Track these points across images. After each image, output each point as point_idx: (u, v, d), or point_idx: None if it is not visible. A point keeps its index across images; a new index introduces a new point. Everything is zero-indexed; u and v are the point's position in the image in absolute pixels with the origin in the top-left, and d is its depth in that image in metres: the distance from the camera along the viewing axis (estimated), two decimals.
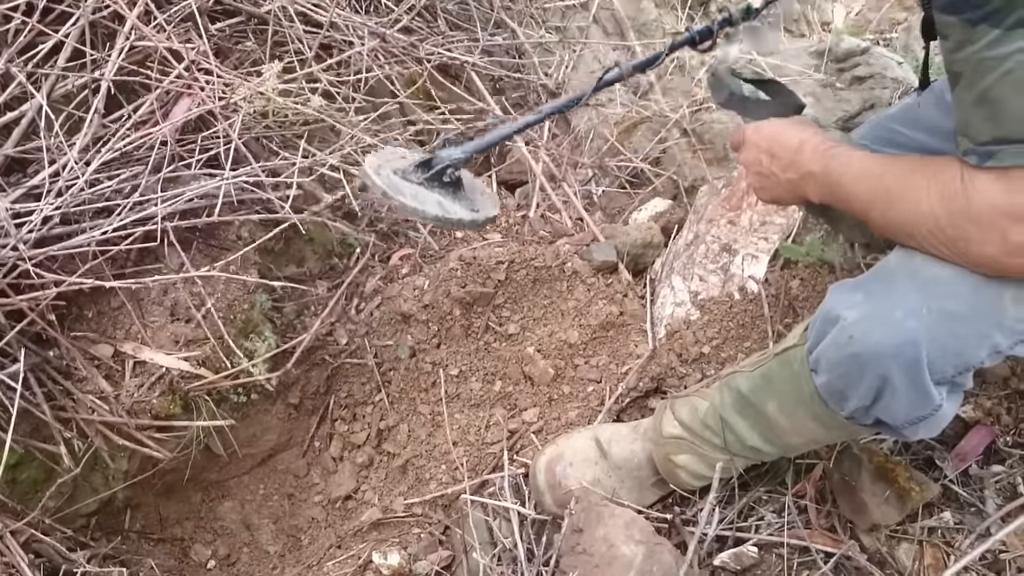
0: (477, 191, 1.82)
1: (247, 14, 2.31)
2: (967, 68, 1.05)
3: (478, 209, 1.75)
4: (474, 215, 1.74)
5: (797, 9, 3.41)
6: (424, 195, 1.71)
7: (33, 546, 1.78)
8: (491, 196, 1.87)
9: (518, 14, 3.13)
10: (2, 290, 1.71)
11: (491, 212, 1.77)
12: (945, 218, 1.13)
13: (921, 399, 1.22)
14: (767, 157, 1.42)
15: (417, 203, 1.67)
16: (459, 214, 1.71)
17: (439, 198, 1.72)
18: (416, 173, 1.73)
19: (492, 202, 1.83)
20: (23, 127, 1.89)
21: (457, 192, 1.76)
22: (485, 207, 1.78)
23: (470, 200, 1.77)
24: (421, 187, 1.71)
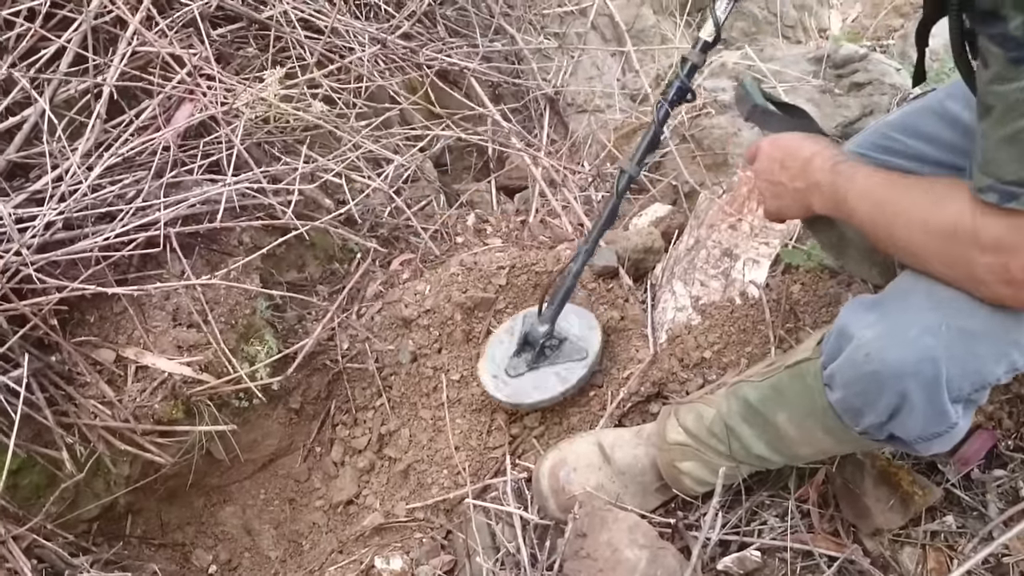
0: (572, 329, 2.03)
1: (249, 20, 2.31)
2: (1002, 103, 1.02)
3: (586, 349, 1.99)
4: (586, 361, 1.98)
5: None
6: (542, 379, 1.96)
7: (35, 551, 1.77)
8: (587, 318, 2.07)
9: (517, 20, 3.14)
10: (5, 295, 1.71)
11: (596, 341, 2.01)
12: (951, 247, 1.13)
13: (938, 416, 1.22)
14: (778, 167, 1.42)
15: (543, 394, 1.94)
16: (577, 373, 1.96)
17: (554, 370, 1.97)
18: (524, 357, 1.99)
19: (590, 326, 2.04)
20: (25, 132, 1.89)
21: (562, 348, 2.00)
22: (590, 343, 2.01)
23: (574, 344, 2.00)
24: (535, 371, 1.98)
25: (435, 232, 2.53)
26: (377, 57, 2.52)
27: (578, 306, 2.09)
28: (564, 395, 1.95)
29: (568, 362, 1.98)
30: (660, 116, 1.82)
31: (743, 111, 1.61)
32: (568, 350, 2.00)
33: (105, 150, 1.91)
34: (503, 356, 2.02)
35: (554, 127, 3.03)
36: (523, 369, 1.98)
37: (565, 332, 2.00)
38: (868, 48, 2.86)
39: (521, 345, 2.00)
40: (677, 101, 1.82)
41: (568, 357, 1.99)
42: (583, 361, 1.97)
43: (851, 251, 1.59)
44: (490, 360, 2.03)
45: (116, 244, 1.82)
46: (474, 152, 2.96)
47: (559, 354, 1.99)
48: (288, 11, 2.32)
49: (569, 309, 2.00)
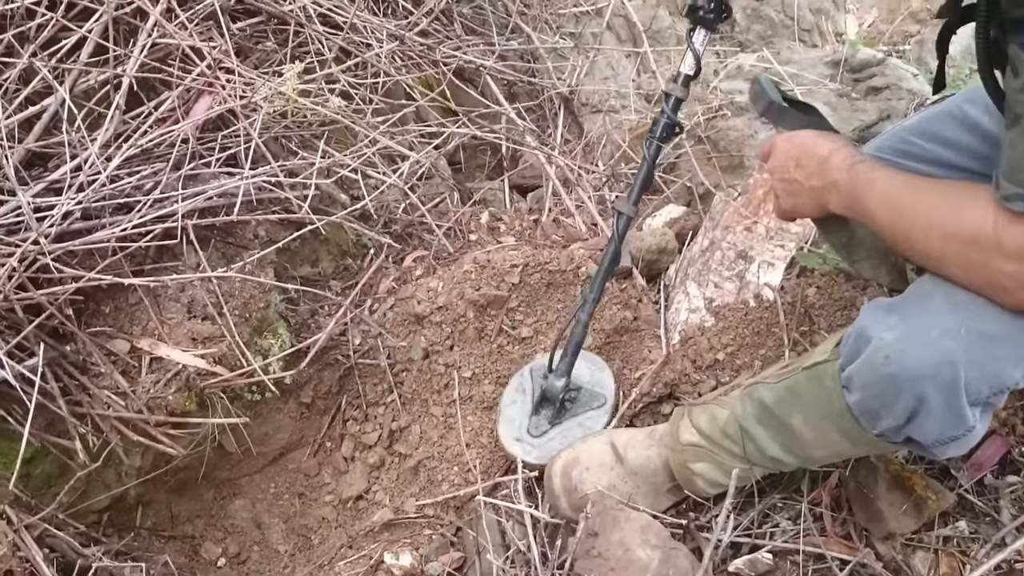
0: (584, 376, 2.01)
1: (268, 14, 2.32)
2: None
3: (603, 395, 1.99)
4: (607, 406, 1.97)
5: None
6: (566, 431, 1.94)
7: (47, 541, 1.77)
8: (594, 361, 2.06)
9: (533, 19, 3.14)
10: (22, 284, 1.71)
11: (611, 383, 2.01)
12: (971, 253, 1.13)
13: (956, 420, 1.22)
14: (794, 164, 1.42)
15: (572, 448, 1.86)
16: (601, 421, 1.95)
17: (577, 421, 1.96)
18: (544, 414, 1.97)
19: (600, 369, 2.04)
20: (45, 121, 1.90)
21: (579, 395, 1.98)
22: (605, 384, 2.01)
23: (590, 391, 1.99)
24: (558, 426, 1.95)
25: (449, 229, 2.53)
26: (394, 53, 2.52)
27: (585, 351, 2.04)
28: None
29: (589, 410, 1.96)
30: (651, 154, 1.83)
31: (758, 108, 1.61)
32: (586, 398, 1.98)
33: (124, 141, 1.92)
34: (521, 416, 1.98)
35: (568, 127, 3.04)
36: (546, 427, 1.95)
37: (578, 380, 1.98)
38: (885, 53, 2.85)
39: (539, 403, 1.97)
40: (666, 137, 1.84)
41: (588, 405, 1.97)
42: (603, 407, 1.96)
43: (862, 252, 1.59)
44: (508, 424, 1.98)
45: (133, 235, 1.82)
46: (488, 150, 2.96)
47: (578, 404, 1.97)
48: (307, 6, 2.33)
49: (584, 364, 1.98)
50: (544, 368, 1.97)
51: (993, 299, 1.15)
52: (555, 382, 1.93)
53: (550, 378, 1.94)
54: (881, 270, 1.59)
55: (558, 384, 1.92)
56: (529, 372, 2.05)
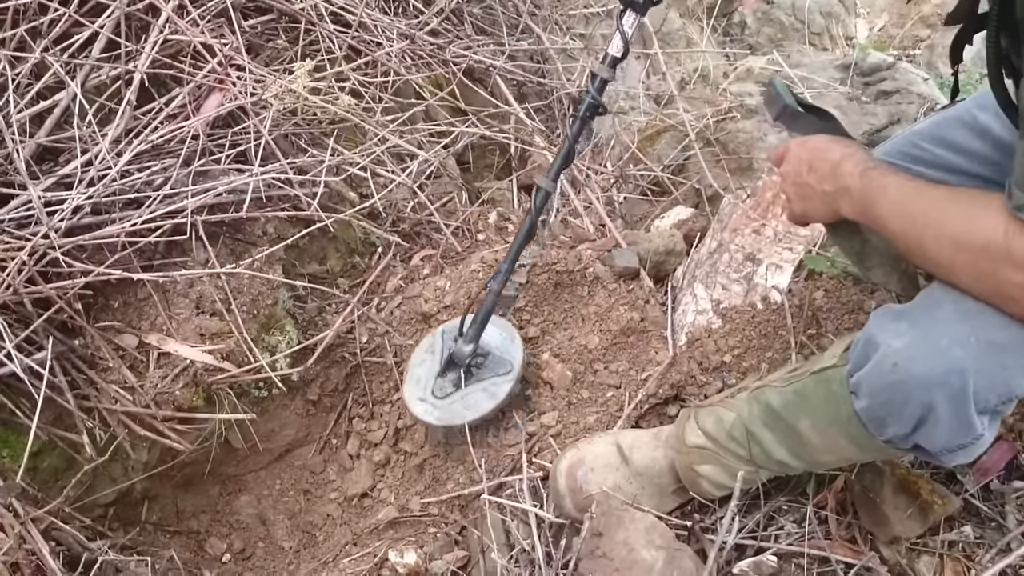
0: (493, 342, 2.02)
1: (279, 12, 2.33)
2: None
3: (510, 362, 1.99)
4: (512, 374, 1.97)
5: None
6: (471, 397, 1.96)
7: (53, 534, 1.78)
8: (506, 329, 2.07)
9: (543, 20, 3.15)
10: (31, 277, 1.72)
11: (519, 353, 2.01)
12: (981, 262, 1.13)
13: (964, 428, 1.22)
14: (807, 168, 1.41)
15: (475, 412, 1.93)
16: (505, 388, 1.96)
17: (482, 386, 1.97)
18: (449, 380, 1.99)
19: (512, 338, 2.04)
20: (56, 116, 1.91)
21: (488, 364, 2.00)
22: (514, 355, 2.01)
23: (498, 357, 2.00)
24: (464, 390, 1.97)
25: (457, 228, 2.53)
26: (405, 53, 2.53)
27: (498, 317, 2.06)
28: (496, 410, 1.95)
29: (494, 377, 1.98)
30: (573, 131, 1.84)
31: (772, 112, 1.61)
32: (492, 364, 1.99)
33: (135, 136, 1.93)
34: (427, 377, 2.00)
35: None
36: (450, 389, 1.97)
37: (487, 346, 2.00)
38: (895, 57, 2.85)
39: (446, 365, 1.99)
40: (589, 116, 1.85)
41: (493, 372, 1.98)
42: (509, 375, 1.97)
43: (873, 259, 1.58)
44: (414, 383, 2.01)
45: (143, 230, 1.83)
46: (497, 150, 2.97)
47: (484, 370, 1.99)
48: (318, 4, 2.34)
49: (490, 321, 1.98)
50: (455, 330, 2.00)
51: (1002, 309, 1.15)
52: (463, 346, 1.96)
53: (459, 342, 1.96)
54: (892, 277, 1.58)
55: (466, 349, 1.95)
56: (440, 334, 2.07)
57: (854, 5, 3.71)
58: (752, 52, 3.31)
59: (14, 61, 1.91)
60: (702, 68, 3.09)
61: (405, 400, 2.00)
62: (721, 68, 3.12)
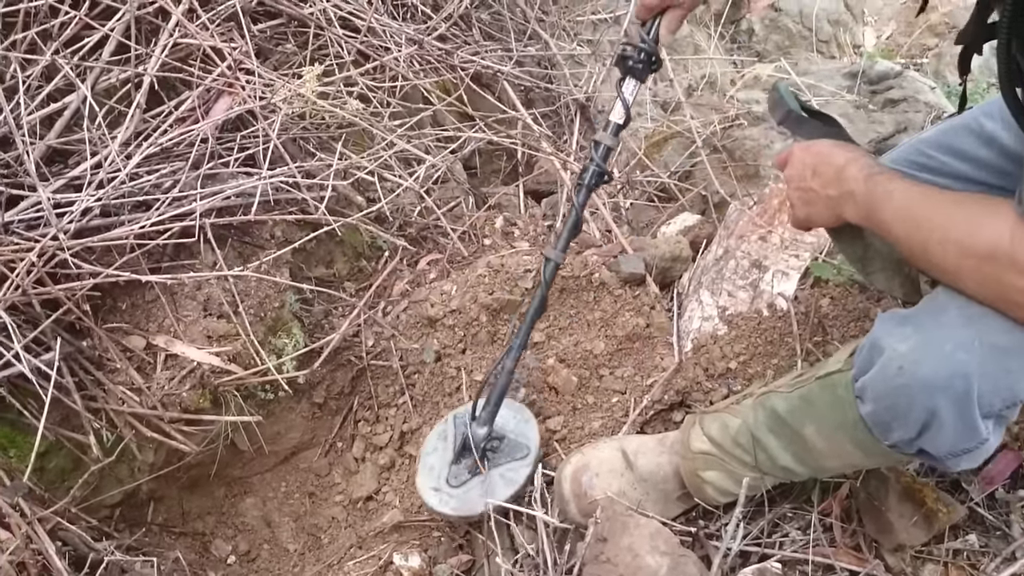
0: (508, 425, 1.96)
1: (289, 16, 2.34)
2: None
3: (527, 446, 1.92)
4: (530, 458, 1.90)
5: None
6: (489, 483, 1.88)
7: (59, 534, 1.78)
8: (520, 411, 2.00)
9: (551, 26, 3.15)
10: (40, 279, 1.73)
11: (535, 435, 1.94)
12: (986, 268, 1.13)
13: (968, 432, 1.22)
14: (811, 173, 1.42)
15: (492, 497, 1.84)
16: (523, 473, 1.88)
17: (499, 471, 1.90)
18: (464, 463, 1.91)
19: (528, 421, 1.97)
20: (66, 118, 1.92)
21: (502, 445, 1.93)
22: (528, 436, 1.94)
23: (514, 441, 1.93)
24: (478, 476, 1.89)
25: (463, 233, 2.53)
26: (413, 57, 2.53)
27: (509, 399, 1.98)
28: (513, 498, 1.87)
29: (512, 462, 1.90)
30: (580, 200, 1.79)
31: (776, 116, 1.61)
32: (508, 449, 1.92)
33: (144, 139, 1.94)
34: (441, 465, 1.92)
35: (584, 133, 3.04)
36: (466, 476, 1.89)
37: (501, 429, 1.93)
38: (902, 66, 2.85)
39: (459, 452, 1.92)
40: (595, 185, 1.81)
41: (511, 456, 1.90)
42: (526, 459, 1.90)
43: (877, 264, 1.58)
44: (427, 472, 1.93)
45: (151, 233, 1.84)
46: (504, 155, 2.97)
47: (501, 455, 1.91)
48: (327, 9, 2.35)
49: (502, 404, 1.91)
50: (466, 416, 1.92)
51: (1007, 314, 1.15)
52: (477, 430, 1.88)
53: (472, 426, 1.89)
54: (895, 282, 1.58)
55: (480, 432, 1.88)
56: (452, 419, 2.00)
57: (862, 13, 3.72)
58: (759, 59, 3.31)
59: (25, 63, 1.92)
60: (709, 75, 3.10)
61: (419, 491, 1.91)
62: (728, 75, 3.12)
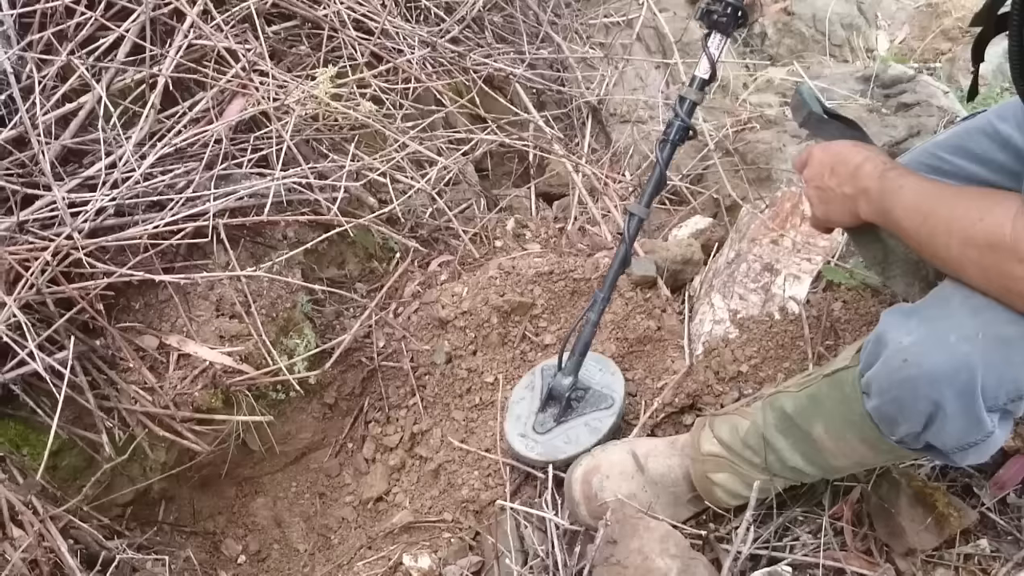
0: (594, 377, 2.01)
1: (303, 18, 2.35)
2: None
3: (611, 401, 1.96)
4: (614, 408, 1.95)
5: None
6: (572, 431, 1.93)
7: (72, 532, 1.79)
8: (606, 365, 2.05)
9: (563, 29, 3.16)
10: (54, 278, 1.74)
11: (620, 387, 1.99)
12: (988, 258, 1.14)
13: (973, 425, 1.22)
14: (828, 172, 1.42)
15: (576, 447, 1.89)
16: (607, 422, 1.93)
17: (583, 420, 1.94)
18: (549, 414, 1.96)
19: (615, 374, 2.02)
20: (81, 118, 1.93)
21: (587, 396, 1.97)
22: (614, 390, 1.98)
23: (599, 392, 1.98)
24: (563, 424, 1.94)
25: (475, 235, 2.54)
26: (425, 60, 2.54)
27: (596, 353, 2.05)
28: (597, 445, 1.90)
29: (596, 411, 1.95)
30: (665, 156, 1.81)
31: (798, 118, 1.61)
32: (594, 399, 1.96)
33: (158, 140, 1.95)
34: (528, 413, 1.98)
35: (596, 136, 3.04)
36: (551, 424, 1.94)
37: (587, 381, 1.98)
38: (916, 70, 2.84)
39: (545, 400, 1.97)
40: (680, 140, 1.83)
41: (595, 406, 1.95)
42: (611, 408, 1.94)
43: (896, 268, 1.58)
44: (515, 420, 1.99)
45: (165, 233, 1.85)
46: (515, 158, 2.97)
47: (585, 404, 1.96)
48: (341, 11, 2.35)
49: (588, 357, 1.95)
50: (554, 367, 1.97)
51: (1008, 305, 1.16)
52: (562, 380, 1.93)
53: (558, 376, 1.94)
54: (914, 288, 1.58)
55: (565, 382, 1.93)
56: (540, 371, 2.05)
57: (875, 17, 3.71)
58: (772, 63, 3.30)
59: (41, 64, 1.93)
60: (722, 78, 3.09)
61: (506, 436, 1.97)
62: (741, 79, 3.11)
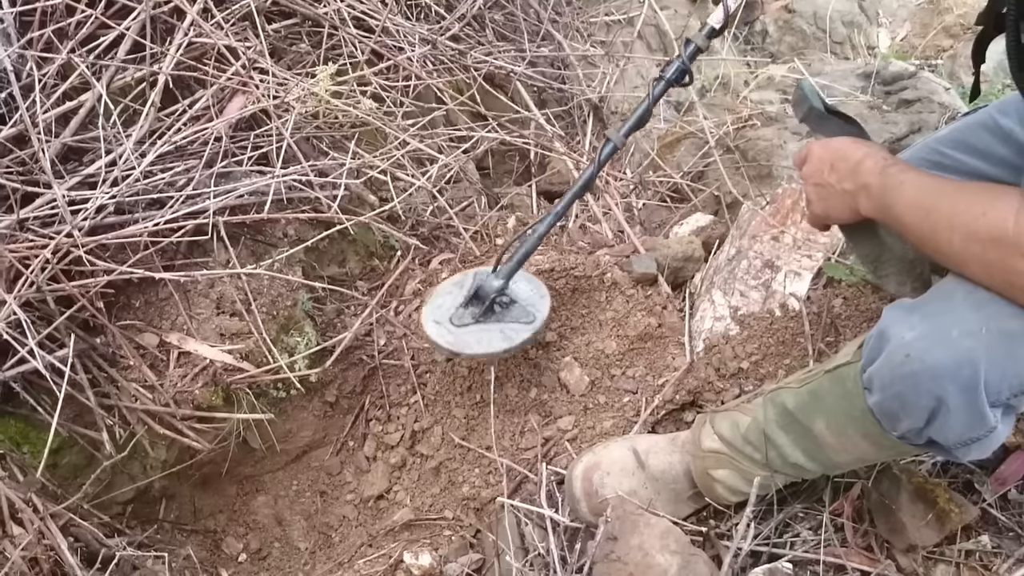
0: (524, 295, 2.03)
1: (303, 16, 2.35)
2: None
3: (533, 317, 1.98)
4: (533, 325, 1.96)
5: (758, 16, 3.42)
6: (486, 333, 1.94)
7: (72, 530, 1.79)
8: (540, 288, 2.07)
9: (564, 27, 3.16)
10: (55, 276, 1.74)
11: (544, 312, 2.00)
12: (991, 253, 1.14)
13: (976, 420, 1.21)
14: (828, 168, 1.42)
15: (485, 348, 1.92)
16: (522, 335, 1.94)
17: (500, 327, 1.96)
18: (469, 311, 1.97)
19: (544, 297, 2.04)
20: (81, 116, 1.93)
21: (511, 309, 1.99)
22: (539, 309, 2.00)
23: (523, 307, 2.00)
24: (480, 324, 1.95)
25: (476, 233, 2.54)
26: (426, 57, 2.54)
27: (532, 275, 2.09)
28: (505, 353, 1.95)
29: (515, 323, 1.97)
30: (656, 92, 1.83)
31: (799, 113, 1.61)
32: (516, 312, 1.99)
33: (158, 138, 1.95)
34: (450, 306, 2.00)
35: (597, 134, 3.04)
36: (468, 320, 1.96)
37: (515, 295, 2.00)
38: (917, 66, 2.84)
39: (471, 298, 1.99)
40: (675, 81, 1.84)
41: (515, 319, 1.98)
42: (530, 325, 1.96)
43: (890, 266, 1.58)
44: (435, 307, 2.01)
45: (165, 230, 1.85)
46: (516, 156, 2.97)
47: (507, 314, 1.98)
48: (341, 9, 2.36)
49: (522, 275, 1.99)
50: (488, 273, 1.99)
51: (1011, 299, 1.15)
52: (492, 281, 1.95)
53: (489, 277, 1.96)
54: (907, 286, 1.58)
55: (495, 284, 1.95)
56: (473, 275, 2.07)
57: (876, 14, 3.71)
58: (773, 60, 3.31)
59: (41, 62, 1.93)
60: (723, 76, 3.09)
61: (421, 320, 1.99)
62: (742, 76, 3.11)
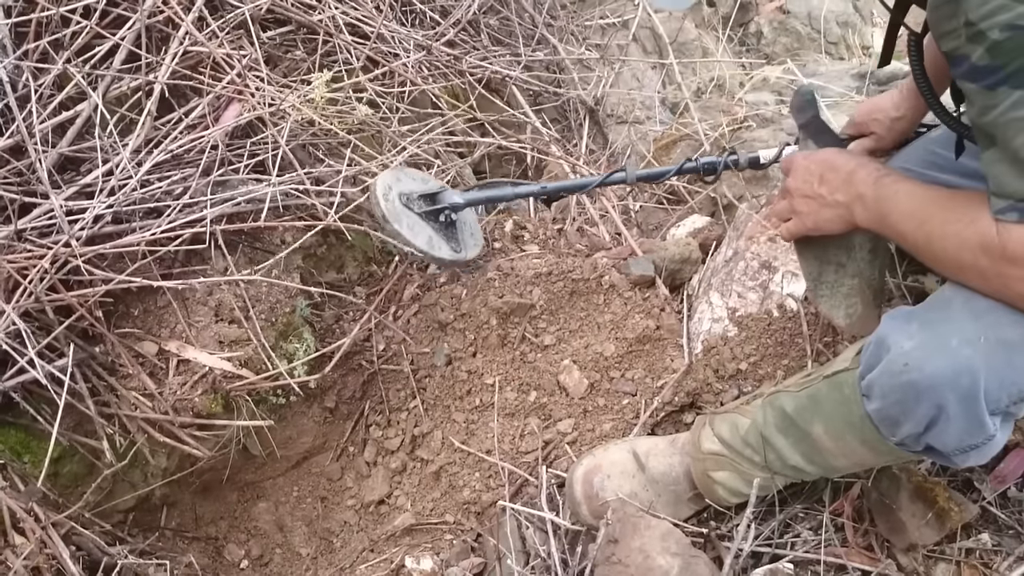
0: (467, 232, 2.11)
1: (297, 23, 2.35)
2: (997, 131, 1.07)
3: (461, 251, 2.06)
4: (455, 255, 2.04)
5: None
6: (419, 227, 2.00)
7: (73, 539, 1.80)
8: (479, 239, 2.16)
9: (559, 31, 3.17)
10: (53, 286, 1.74)
11: (470, 255, 2.09)
12: (983, 261, 1.15)
13: (975, 428, 1.21)
14: (817, 180, 1.41)
15: (410, 234, 1.96)
16: (442, 253, 2.02)
17: (431, 233, 2.02)
18: (419, 203, 2.03)
19: (477, 246, 2.12)
20: (78, 126, 1.93)
21: (448, 230, 2.05)
22: (468, 249, 2.09)
23: (458, 241, 2.07)
24: (419, 218, 2.01)
25: None
26: (421, 63, 2.55)
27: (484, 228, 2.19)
28: (418, 253, 2.00)
29: (444, 240, 2.05)
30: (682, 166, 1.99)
31: (800, 118, 1.61)
32: (451, 234, 2.08)
33: (155, 147, 1.95)
34: (407, 185, 2.07)
35: (593, 137, 3.05)
36: (413, 209, 2.03)
37: (461, 224, 2.09)
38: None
39: (428, 195, 2.06)
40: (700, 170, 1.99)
41: (447, 238, 2.06)
42: (455, 253, 2.06)
43: (824, 289, 1.59)
44: (394, 179, 2.06)
45: (162, 239, 1.85)
46: (513, 159, 2.98)
47: (444, 228, 2.06)
48: (336, 16, 2.36)
49: (476, 221, 2.08)
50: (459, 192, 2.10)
51: (1010, 305, 1.16)
52: (454, 196, 2.04)
53: (454, 191, 2.06)
54: (838, 311, 1.59)
55: (455, 199, 2.05)
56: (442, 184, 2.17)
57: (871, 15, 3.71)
58: (768, 62, 3.31)
59: (37, 72, 1.94)
60: (718, 77, 3.10)
61: (377, 177, 2.04)
62: (737, 78, 3.12)
